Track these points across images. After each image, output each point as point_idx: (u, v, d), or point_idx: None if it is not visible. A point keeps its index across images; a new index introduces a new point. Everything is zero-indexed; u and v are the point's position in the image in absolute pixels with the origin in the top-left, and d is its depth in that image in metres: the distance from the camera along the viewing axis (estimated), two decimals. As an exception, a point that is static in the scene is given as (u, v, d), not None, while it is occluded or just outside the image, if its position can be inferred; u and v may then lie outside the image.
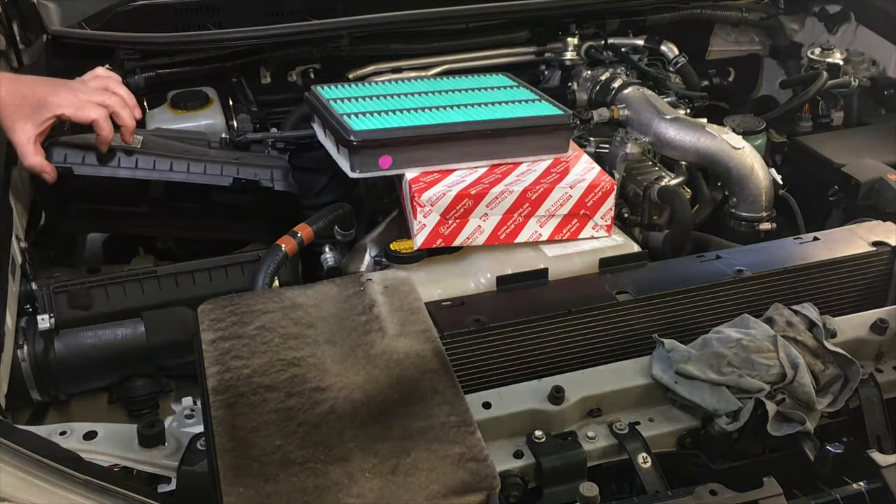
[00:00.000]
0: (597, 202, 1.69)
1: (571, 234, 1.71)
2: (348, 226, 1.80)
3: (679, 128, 2.04)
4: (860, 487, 1.23)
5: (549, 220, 1.68)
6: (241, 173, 1.79)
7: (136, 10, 2.23)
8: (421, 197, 1.60)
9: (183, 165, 1.76)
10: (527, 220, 1.67)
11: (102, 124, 1.64)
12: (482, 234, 1.65)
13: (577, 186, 1.67)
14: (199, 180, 1.77)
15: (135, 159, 1.73)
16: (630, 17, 2.49)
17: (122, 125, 1.68)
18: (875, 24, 2.48)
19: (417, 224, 1.61)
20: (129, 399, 1.63)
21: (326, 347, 1.24)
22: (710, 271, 1.57)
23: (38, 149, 1.60)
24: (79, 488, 1.08)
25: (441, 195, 1.60)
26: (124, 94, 1.71)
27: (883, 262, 1.62)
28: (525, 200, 1.65)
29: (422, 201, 1.59)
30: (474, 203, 1.62)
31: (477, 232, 1.65)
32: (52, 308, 1.57)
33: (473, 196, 1.62)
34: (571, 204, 1.68)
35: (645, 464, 1.25)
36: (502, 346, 1.42)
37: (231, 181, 1.78)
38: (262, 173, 1.81)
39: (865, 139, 2.20)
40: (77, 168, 1.68)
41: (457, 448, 1.08)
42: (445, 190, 1.62)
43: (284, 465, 1.05)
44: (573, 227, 1.71)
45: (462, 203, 1.62)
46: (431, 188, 1.62)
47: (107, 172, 1.71)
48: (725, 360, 1.30)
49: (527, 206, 1.66)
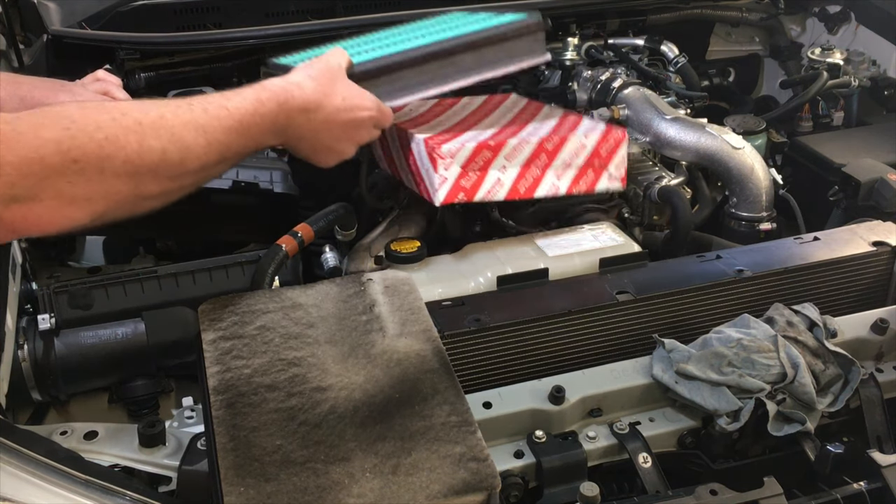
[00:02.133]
0: (610, 151, 1.73)
1: (588, 185, 1.73)
2: (348, 226, 1.80)
3: (679, 128, 2.04)
4: (860, 487, 1.23)
5: (565, 171, 1.70)
6: (240, 176, 1.79)
7: (136, 10, 2.23)
8: (441, 148, 1.60)
9: None
10: (544, 172, 1.69)
11: None
12: (502, 188, 1.67)
13: (590, 136, 1.70)
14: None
15: None
16: (630, 17, 2.49)
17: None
18: (875, 24, 2.48)
19: (439, 177, 1.61)
20: (129, 399, 1.63)
21: (327, 347, 1.24)
22: (711, 271, 1.57)
23: None
24: (79, 488, 1.08)
25: (460, 146, 1.61)
26: (123, 98, 1.70)
27: (883, 262, 1.62)
28: (542, 151, 1.67)
29: (442, 153, 1.60)
30: (493, 154, 1.64)
31: (497, 185, 1.66)
32: (52, 308, 1.56)
33: (492, 147, 1.64)
34: (587, 154, 1.71)
35: (645, 464, 1.25)
36: (502, 346, 1.42)
37: (230, 184, 1.78)
38: (261, 175, 1.81)
39: (865, 139, 2.20)
40: None
41: (457, 448, 1.08)
42: (464, 143, 1.63)
43: (285, 464, 1.05)
44: (589, 179, 1.73)
45: (481, 154, 1.63)
46: (450, 142, 1.64)
47: None
48: (726, 359, 1.30)
49: (544, 157, 1.68)
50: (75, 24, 2.13)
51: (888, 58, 2.45)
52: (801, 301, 1.45)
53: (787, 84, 2.58)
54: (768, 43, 2.74)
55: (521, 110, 1.92)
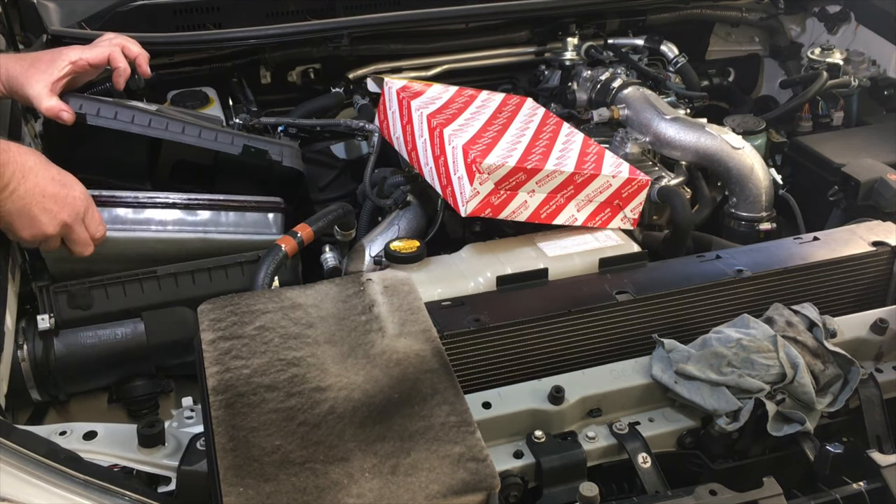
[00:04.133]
0: (632, 194, 1.76)
1: (603, 222, 1.77)
2: (348, 226, 1.80)
3: (679, 128, 2.04)
4: (860, 487, 1.22)
5: (587, 205, 1.74)
6: (251, 143, 1.81)
7: (136, 10, 2.23)
8: (482, 163, 1.62)
9: (195, 130, 1.79)
10: (567, 202, 1.72)
11: (117, 55, 1.70)
12: (526, 210, 1.70)
13: (618, 176, 1.74)
14: (210, 146, 1.79)
15: (148, 118, 1.74)
16: (630, 17, 2.49)
17: (135, 56, 1.75)
18: (875, 24, 2.49)
19: (472, 190, 1.64)
20: (129, 399, 1.63)
21: (326, 347, 1.24)
22: (710, 271, 1.57)
23: (54, 95, 1.63)
24: (79, 488, 1.08)
25: (499, 164, 1.64)
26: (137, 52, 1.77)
27: (883, 262, 1.62)
28: (570, 183, 1.70)
29: (482, 167, 1.62)
30: (527, 178, 1.67)
31: (522, 207, 1.69)
32: (52, 308, 1.57)
33: (528, 171, 1.66)
34: (609, 192, 1.74)
35: (645, 464, 1.25)
36: (502, 346, 1.42)
37: (241, 149, 1.79)
38: (272, 148, 1.83)
39: (865, 139, 2.20)
40: (91, 118, 1.69)
41: (457, 448, 1.08)
42: (502, 160, 1.65)
43: (284, 465, 1.05)
44: (605, 216, 1.77)
45: (516, 176, 1.66)
46: (488, 155, 1.66)
47: (119, 126, 1.72)
48: (725, 359, 1.30)
49: (570, 189, 1.71)
50: (75, 24, 2.13)
51: (888, 58, 2.45)
52: (800, 301, 1.45)
53: (787, 84, 2.58)
54: (768, 43, 2.74)
55: (542, 122, 1.95)
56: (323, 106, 2.25)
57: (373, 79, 2.28)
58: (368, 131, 2.04)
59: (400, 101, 1.90)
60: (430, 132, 1.77)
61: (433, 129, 1.77)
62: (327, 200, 1.97)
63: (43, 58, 1.65)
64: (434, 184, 1.78)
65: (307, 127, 2.13)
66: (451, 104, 1.91)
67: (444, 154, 1.72)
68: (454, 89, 2.03)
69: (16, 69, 1.62)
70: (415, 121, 1.84)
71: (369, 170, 1.95)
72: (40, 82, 1.60)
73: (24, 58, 1.67)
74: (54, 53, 1.66)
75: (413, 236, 1.79)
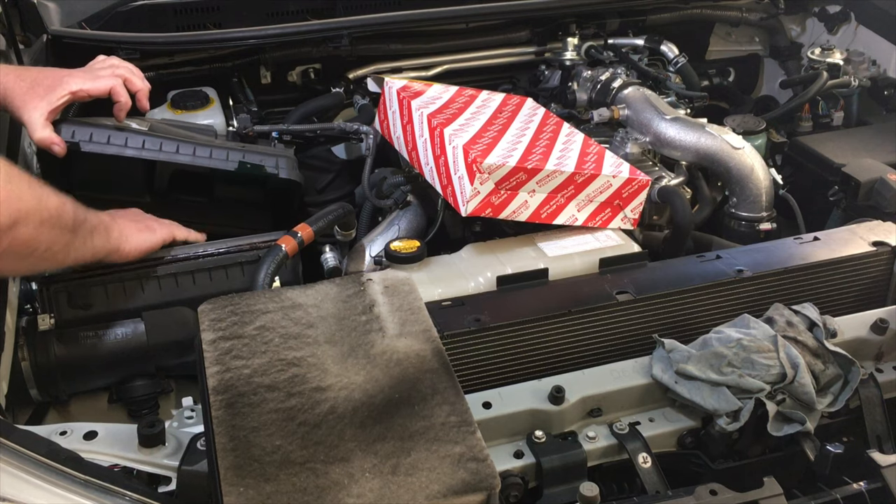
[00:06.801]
0: (632, 194, 1.77)
1: (603, 222, 1.77)
2: (348, 226, 1.80)
3: (679, 128, 2.04)
4: (860, 487, 1.23)
5: (587, 205, 1.74)
6: (246, 158, 1.80)
7: (136, 10, 2.23)
8: (483, 163, 1.62)
9: (189, 149, 1.78)
10: (568, 202, 1.72)
11: (119, 90, 1.68)
12: (527, 210, 1.70)
13: (618, 177, 1.74)
14: (205, 164, 1.78)
15: (142, 140, 1.74)
16: (630, 17, 2.50)
17: (136, 90, 1.73)
18: (875, 24, 2.49)
19: (472, 190, 1.64)
20: (129, 399, 1.63)
21: (326, 347, 1.24)
22: (710, 271, 1.57)
23: (48, 124, 1.61)
24: (79, 488, 1.08)
25: (500, 164, 1.63)
26: (131, 66, 1.76)
27: (883, 262, 1.62)
28: (571, 182, 1.70)
29: (482, 167, 1.62)
30: (527, 178, 1.67)
31: (523, 207, 1.69)
32: (52, 308, 1.57)
33: (528, 171, 1.66)
34: (610, 192, 1.74)
35: (645, 464, 1.25)
36: (502, 346, 1.42)
37: (237, 165, 1.79)
38: (267, 160, 1.83)
39: (865, 139, 2.20)
40: (84, 145, 1.68)
41: (457, 448, 1.08)
42: (503, 160, 1.65)
43: (284, 465, 1.05)
44: (606, 216, 1.77)
45: (517, 176, 1.66)
46: (488, 155, 1.65)
47: (113, 151, 1.71)
48: (725, 359, 1.30)
49: (571, 189, 1.71)
50: (75, 24, 2.14)
51: (888, 58, 2.45)
52: (801, 301, 1.45)
53: (787, 84, 2.58)
54: (768, 43, 2.75)
55: (543, 122, 1.94)
56: (322, 106, 2.25)
57: (373, 79, 2.28)
58: (364, 133, 2.04)
59: (400, 100, 1.90)
60: (431, 132, 1.77)
61: (433, 129, 1.77)
62: (325, 202, 1.96)
63: (43, 81, 1.62)
64: (434, 183, 1.77)
65: (301, 133, 2.12)
66: (451, 104, 1.91)
67: (444, 154, 1.72)
68: (454, 89, 2.03)
69: (15, 88, 1.59)
70: (415, 120, 1.84)
71: (367, 172, 1.95)
72: (37, 110, 1.58)
73: (25, 76, 1.63)
74: (55, 79, 1.63)
75: (413, 236, 1.79)
